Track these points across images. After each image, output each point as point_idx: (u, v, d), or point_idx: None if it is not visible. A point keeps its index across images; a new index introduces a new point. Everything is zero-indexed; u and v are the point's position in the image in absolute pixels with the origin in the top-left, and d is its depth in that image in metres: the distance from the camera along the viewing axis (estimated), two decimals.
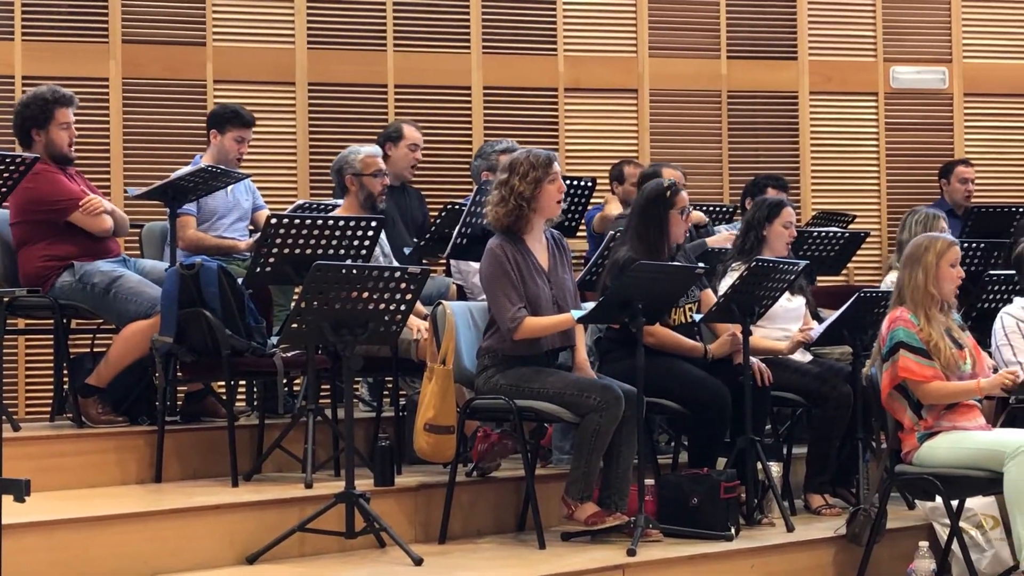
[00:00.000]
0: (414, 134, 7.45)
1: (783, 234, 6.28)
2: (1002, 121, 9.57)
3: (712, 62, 9.14)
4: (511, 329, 5.33)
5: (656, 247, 5.81)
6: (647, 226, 5.86)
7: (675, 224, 5.87)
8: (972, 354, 5.48)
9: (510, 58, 8.78)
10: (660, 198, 5.87)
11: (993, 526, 5.80)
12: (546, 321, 5.38)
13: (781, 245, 6.28)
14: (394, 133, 7.40)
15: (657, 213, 5.86)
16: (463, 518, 5.61)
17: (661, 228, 5.84)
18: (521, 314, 5.33)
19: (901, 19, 9.43)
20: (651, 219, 5.86)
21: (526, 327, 5.33)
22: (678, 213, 5.87)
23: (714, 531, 5.47)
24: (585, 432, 5.30)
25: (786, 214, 6.30)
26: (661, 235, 5.84)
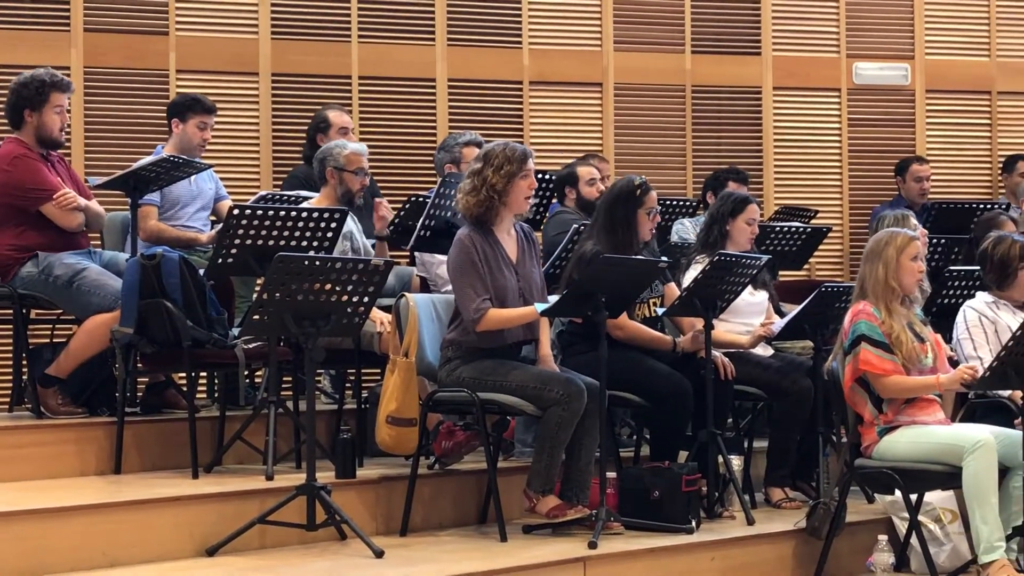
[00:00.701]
0: (341, 119, 7.39)
1: (746, 230, 6.31)
2: (963, 118, 9.63)
3: (676, 57, 9.16)
4: (474, 320, 5.33)
5: (623, 243, 5.82)
6: (614, 222, 5.87)
7: (642, 223, 5.89)
8: (933, 348, 5.52)
9: (475, 50, 8.77)
10: (630, 196, 5.88)
11: (951, 520, 5.84)
12: (510, 313, 5.38)
13: (744, 240, 6.30)
14: (322, 123, 7.34)
15: (625, 211, 5.87)
16: (424, 511, 5.60)
17: (628, 226, 5.86)
18: (485, 305, 5.33)
19: (864, 16, 9.48)
20: (619, 216, 5.87)
21: (489, 319, 5.33)
22: (645, 213, 5.89)
23: (675, 524, 5.49)
24: (548, 425, 5.30)
25: (750, 211, 6.33)
26: (628, 232, 5.85)
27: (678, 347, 5.90)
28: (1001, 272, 5.86)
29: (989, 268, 5.90)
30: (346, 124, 7.41)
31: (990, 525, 5.19)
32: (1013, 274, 5.84)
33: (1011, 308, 5.83)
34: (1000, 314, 5.80)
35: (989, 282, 5.91)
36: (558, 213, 7.27)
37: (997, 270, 5.87)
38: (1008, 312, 5.81)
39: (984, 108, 9.66)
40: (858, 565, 5.76)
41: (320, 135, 7.25)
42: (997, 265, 5.87)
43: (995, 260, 5.88)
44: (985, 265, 5.93)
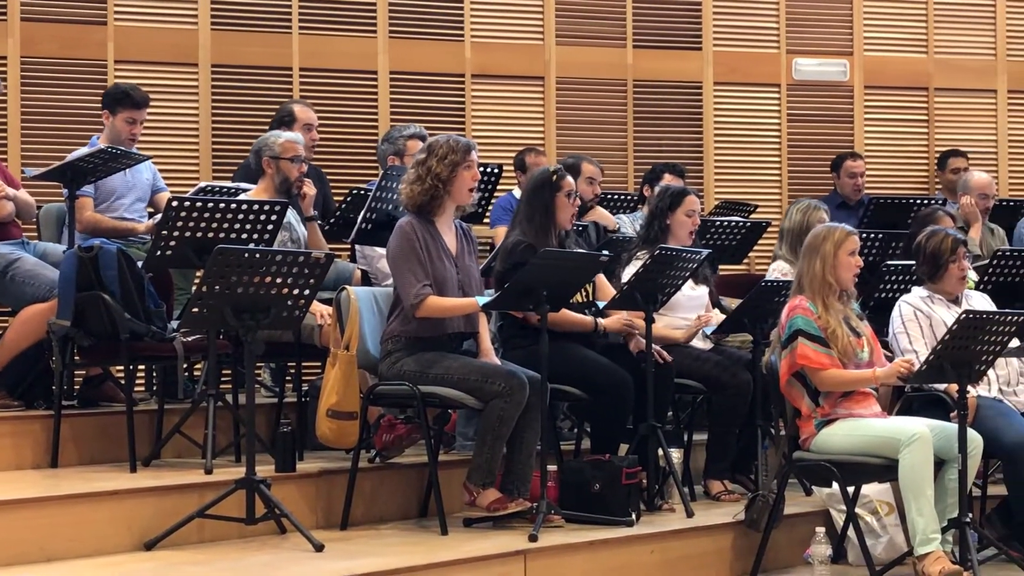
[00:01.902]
0: (307, 114, 7.35)
1: (686, 223, 6.33)
2: (901, 114, 9.73)
3: (618, 51, 9.19)
4: (414, 305, 5.33)
5: (543, 231, 5.84)
6: (534, 210, 5.89)
7: (562, 208, 5.90)
8: (869, 343, 5.58)
9: (417, 43, 8.75)
10: (547, 183, 5.91)
11: (888, 512, 5.90)
12: (449, 302, 5.38)
13: (685, 234, 6.32)
14: (286, 116, 7.29)
15: (543, 197, 5.89)
16: (365, 504, 5.59)
17: (548, 212, 5.87)
18: (425, 291, 5.33)
19: (804, 12, 9.54)
20: (538, 203, 5.89)
21: (429, 305, 5.33)
22: (564, 196, 5.90)
23: (615, 517, 5.51)
24: (489, 418, 5.31)
25: (689, 202, 6.35)
26: (548, 219, 5.87)
27: (600, 327, 5.89)
28: (933, 265, 5.91)
29: (922, 261, 5.96)
30: (311, 121, 7.33)
31: (926, 517, 5.25)
32: (944, 267, 5.89)
33: (945, 302, 5.89)
34: (935, 308, 5.86)
35: (922, 275, 5.97)
36: None
37: (929, 263, 5.92)
38: (943, 306, 5.87)
39: (921, 104, 9.75)
40: (796, 557, 5.81)
41: (283, 128, 7.19)
42: (929, 258, 5.92)
43: (927, 254, 5.93)
44: (918, 259, 5.99)
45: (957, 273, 5.90)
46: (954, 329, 5.27)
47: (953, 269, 5.89)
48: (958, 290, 5.95)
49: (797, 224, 6.64)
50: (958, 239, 5.94)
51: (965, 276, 5.96)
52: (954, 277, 5.90)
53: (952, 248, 5.89)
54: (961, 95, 9.80)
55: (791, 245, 6.63)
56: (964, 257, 5.91)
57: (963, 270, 5.92)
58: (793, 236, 6.63)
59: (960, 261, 5.89)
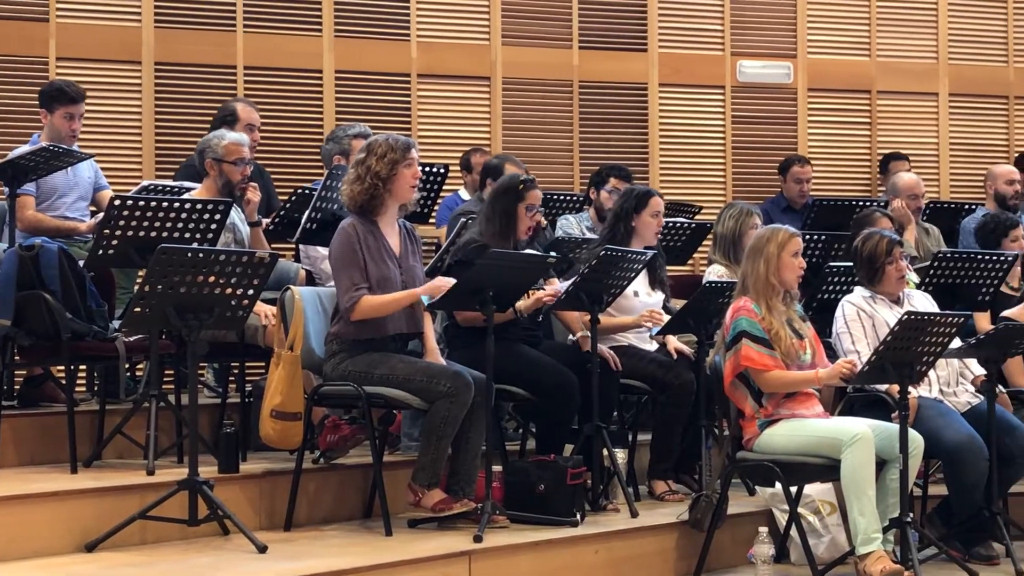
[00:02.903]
0: (250, 114, 7.27)
1: (652, 224, 6.37)
2: (843, 116, 9.81)
3: (564, 52, 9.21)
4: (348, 308, 5.32)
5: (502, 235, 5.86)
6: (496, 213, 5.91)
7: (520, 219, 5.92)
8: (812, 344, 5.61)
9: (362, 42, 8.72)
10: (511, 189, 5.92)
11: (830, 512, 5.94)
12: (384, 299, 5.36)
13: (650, 235, 6.36)
14: (229, 116, 7.22)
15: (506, 204, 5.90)
16: (309, 505, 5.57)
17: (508, 218, 5.89)
18: (358, 293, 5.32)
19: (748, 14, 9.61)
20: (500, 208, 5.91)
21: (362, 306, 5.32)
22: (524, 208, 5.91)
23: (560, 517, 5.51)
24: (434, 419, 5.30)
25: (654, 204, 6.38)
26: (507, 225, 5.88)
27: (519, 313, 5.88)
28: (870, 268, 5.94)
29: (859, 265, 5.99)
30: (253, 121, 7.23)
31: (867, 517, 5.29)
32: (881, 270, 5.92)
33: (887, 303, 5.94)
34: (877, 308, 5.91)
35: (861, 278, 6.01)
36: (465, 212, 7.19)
37: (866, 266, 5.96)
38: (885, 307, 5.92)
39: (864, 107, 9.84)
40: (739, 557, 5.84)
41: (226, 127, 7.13)
42: (866, 262, 5.95)
43: (864, 257, 5.96)
44: (856, 262, 6.03)
45: (895, 274, 5.93)
46: (896, 330, 5.31)
47: (891, 271, 5.92)
48: (898, 290, 6.00)
49: (730, 230, 6.70)
50: (893, 240, 5.96)
51: (904, 276, 6.00)
52: (892, 278, 5.93)
53: (887, 250, 5.92)
54: (903, 98, 9.90)
55: (724, 250, 6.69)
56: (901, 258, 5.95)
57: (900, 271, 5.95)
58: (726, 241, 6.70)
59: (897, 262, 5.93)
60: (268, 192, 7.31)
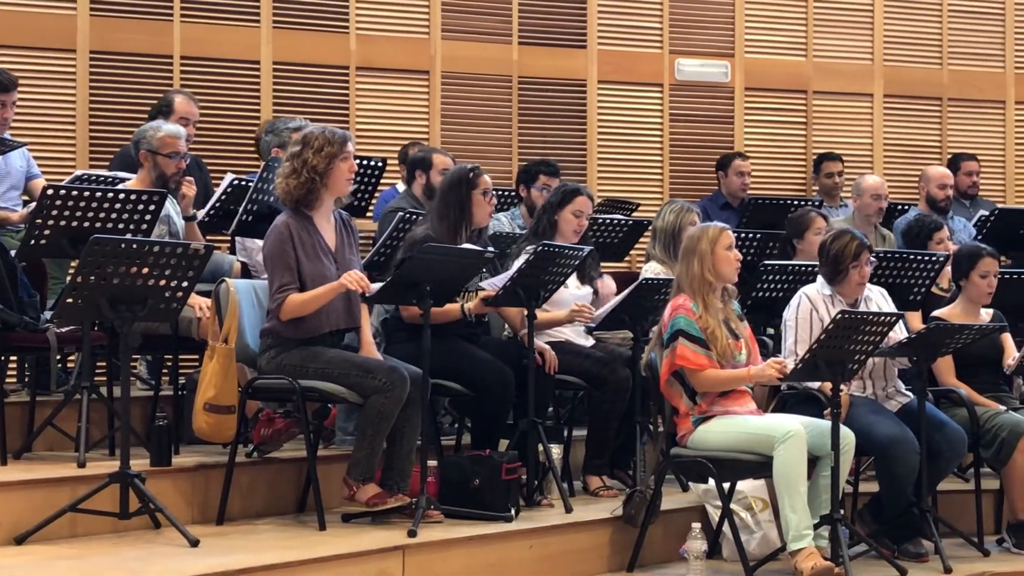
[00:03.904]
0: (187, 108, 7.17)
1: (572, 221, 6.36)
2: (780, 116, 9.88)
3: (504, 47, 9.20)
4: (275, 310, 5.31)
5: (455, 228, 5.84)
6: (448, 207, 5.89)
7: (478, 206, 5.91)
8: (748, 344, 5.65)
9: (301, 34, 8.67)
10: (463, 180, 5.91)
11: (762, 508, 5.99)
12: (311, 294, 5.32)
13: (570, 231, 6.35)
14: (164, 108, 7.14)
15: (459, 195, 5.89)
16: (242, 499, 5.53)
17: (462, 210, 5.88)
18: (284, 293, 5.29)
19: (686, 13, 9.65)
20: (453, 200, 5.90)
21: (289, 305, 5.30)
22: (480, 195, 5.91)
23: (494, 512, 5.52)
24: (369, 413, 5.28)
25: (578, 202, 6.36)
26: (461, 217, 5.87)
27: (467, 313, 5.88)
28: (834, 268, 5.92)
29: (824, 261, 5.98)
30: (189, 115, 7.10)
31: (799, 514, 5.33)
32: (845, 271, 5.90)
33: (844, 306, 5.91)
34: (832, 311, 5.81)
35: (823, 275, 6.01)
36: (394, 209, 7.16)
37: (831, 265, 5.93)
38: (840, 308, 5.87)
39: (800, 107, 9.92)
40: (672, 552, 5.87)
41: (161, 118, 7.04)
42: (831, 260, 5.92)
43: (830, 255, 5.92)
44: (822, 257, 6.02)
45: (857, 279, 5.91)
46: (830, 328, 5.36)
47: (853, 274, 5.90)
48: (856, 295, 5.97)
49: (670, 224, 6.71)
50: (863, 244, 5.92)
51: (864, 283, 5.98)
52: (853, 282, 5.91)
53: (855, 253, 5.88)
54: (839, 99, 9.99)
55: (664, 244, 6.70)
56: (866, 264, 5.92)
57: (863, 277, 5.92)
58: (666, 236, 6.70)
59: (862, 267, 5.89)
60: (205, 185, 7.25)
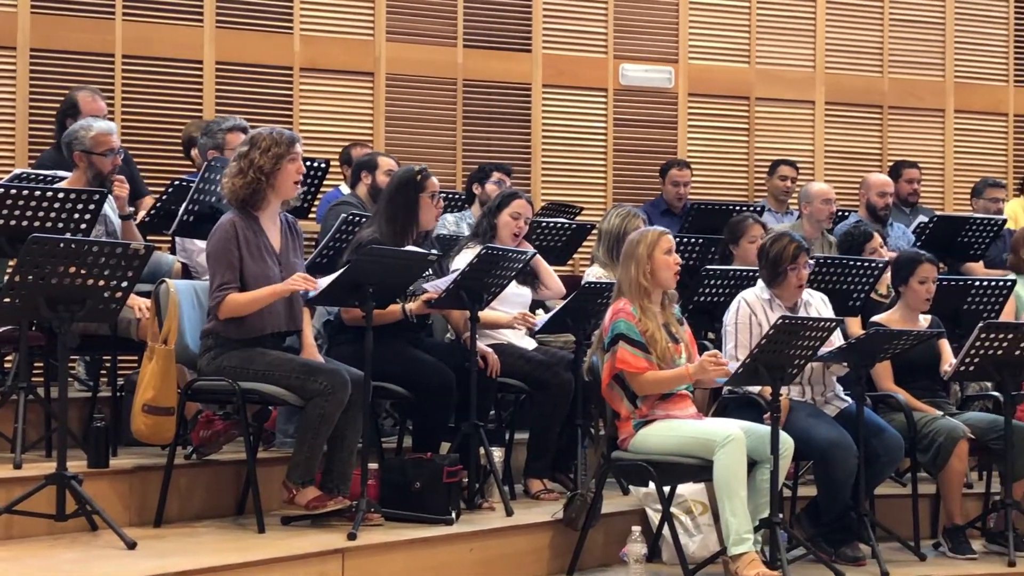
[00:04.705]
0: (91, 104, 6.99)
1: (510, 224, 6.38)
2: (722, 122, 9.95)
3: (448, 50, 9.20)
4: (214, 307, 5.28)
5: (402, 231, 5.83)
6: (395, 209, 5.88)
7: (425, 208, 5.90)
8: (687, 348, 5.67)
9: (245, 34, 8.63)
10: (410, 181, 5.90)
11: (702, 512, 6.01)
12: (251, 296, 5.30)
13: (508, 235, 6.36)
14: (70, 109, 6.98)
15: (406, 197, 5.87)
16: (180, 501, 5.50)
17: (409, 212, 5.86)
18: (224, 292, 5.26)
19: (631, 18, 9.69)
20: (400, 203, 5.88)
21: (228, 304, 5.27)
22: (428, 197, 5.90)
23: (435, 515, 5.51)
24: (310, 416, 5.26)
25: (516, 205, 6.39)
26: (409, 219, 5.86)
27: (409, 314, 5.87)
28: (772, 270, 5.97)
29: (764, 264, 6.02)
30: (96, 112, 7.01)
31: (739, 517, 5.36)
32: (783, 274, 5.95)
33: (783, 309, 5.96)
34: (770, 315, 5.85)
35: (763, 278, 6.05)
36: (340, 203, 7.17)
37: (770, 267, 5.98)
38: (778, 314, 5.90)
39: (743, 113, 9.99)
40: (612, 555, 5.89)
41: (69, 119, 6.96)
42: (770, 263, 5.97)
43: (769, 257, 5.97)
44: (761, 260, 6.06)
45: (795, 281, 5.95)
46: (771, 333, 5.40)
47: (791, 277, 5.94)
48: (795, 298, 6.02)
49: (615, 228, 6.75)
50: (801, 247, 5.97)
51: (802, 285, 6.03)
52: (791, 285, 5.96)
53: (793, 256, 5.93)
54: (781, 105, 10.07)
55: (608, 247, 6.73)
56: (804, 266, 5.97)
57: (801, 279, 5.97)
58: (610, 239, 6.73)
59: (800, 270, 5.95)
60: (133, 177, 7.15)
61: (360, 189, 7.24)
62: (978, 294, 7.08)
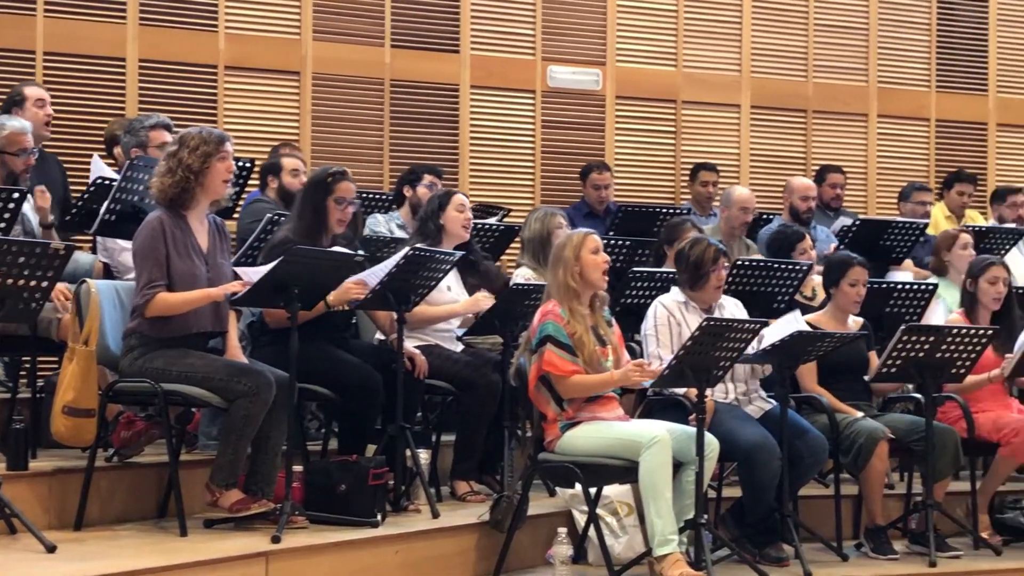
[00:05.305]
0: (37, 91, 7.00)
1: (458, 218, 6.40)
2: (650, 124, 9.99)
3: (376, 50, 9.17)
4: (141, 305, 5.22)
5: (313, 231, 5.80)
6: (305, 209, 5.85)
7: (331, 212, 5.86)
8: (615, 351, 5.69)
9: (169, 31, 8.54)
10: (321, 185, 5.87)
11: (628, 513, 6.03)
12: (180, 297, 5.26)
13: (459, 229, 6.40)
14: (16, 97, 6.95)
15: (315, 198, 5.85)
16: (101, 504, 5.43)
17: (318, 213, 5.83)
18: (153, 290, 5.21)
19: (559, 20, 9.71)
20: (309, 203, 5.86)
21: (157, 303, 5.22)
22: (334, 201, 5.86)
23: (360, 518, 5.48)
24: (234, 418, 5.22)
25: (456, 200, 6.45)
26: (318, 220, 5.83)
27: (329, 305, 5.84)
28: (694, 273, 6.04)
29: (684, 268, 6.08)
30: (44, 97, 6.91)
31: (664, 519, 5.38)
32: (705, 276, 6.02)
33: (699, 311, 6.01)
34: (688, 316, 5.96)
35: (682, 281, 6.10)
36: (255, 202, 7.16)
37: (691, 271, 6.05)
38: (696, 316, 5.97)
39: (670, 116, 10.04)
40: (538, 557, 5.89)
41: (16, 109, 6.86)
42: (692, 266, 6.04)
43: (690, 261, 6.05)
44: (681, 264, 6.12)
45: (715, 283, 6.04)
46: (696, 335, 5.42)
47: (712, 279, 6.03)
48: (713, 299, 6.09)
49: (537, 233, 6.81)
50: (720, 250, 6.08)
51: (721, 287, 6.11)
52: (712, 287, 6.04)
53: (714, 258, 6.02)
54: (707, 109, 10.14)
55: (533, 253, 6.78)
56: (722, 268, 6.06)
57: (720, 280, 6.07)
58: (534, 245, 6.80)
59: (719, 272, 6.04)
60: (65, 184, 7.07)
61: (269, 192, 7.20)
62: (901, 297, 7.18)
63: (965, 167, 10.30)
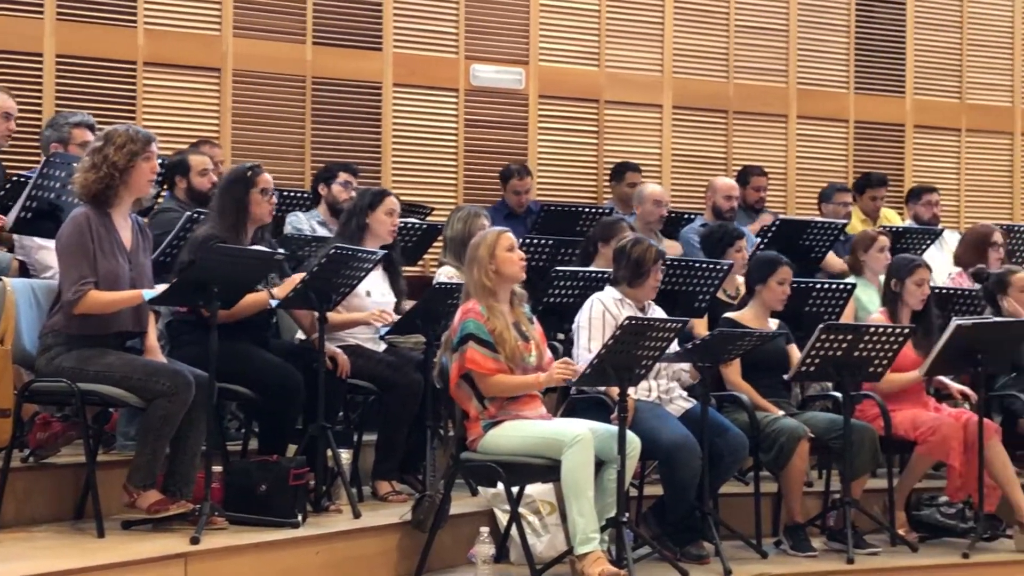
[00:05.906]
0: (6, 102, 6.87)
1: (386, 222, 6.37)
2: (573, 124, 10.02)
3: (297, 47, 9.11)
4: (72, 301, 5.16)
5: (237, 227, 5.76)
6: (226, 206, 5.80)
7: (256, 204, 5.83)
8: (538, 347, 5.70)
9: (86, 27, 8.43)
10: (240, 179, 5.83)
11: (550, 512, 6.04)
12: (112, 296, 5.21)
13: (385, 232, 6.36)
14: None
15: (237, 194, 5.80)
16: (17, 506, 5.35)
17: (241, 208, 5.79)
18: (86, 287, 5.15)
19: (482, 19, 9.70)
20: (230, 199, 5.81)
21: (88, 301, 5.16)
22: (259, 193, 5.83)
23: (281, 518, 5.44)
24: (152, 418, 5.17)
25: (388, 202, 6.38)
26: (241, 216, 5.79)
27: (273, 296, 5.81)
28: (635, 272, 6.09)
29: (624, 265, 6.13)
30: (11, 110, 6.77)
31: (586, 517, 5.40)
32: (645, 275, 6.09)
33: (634, 309, 6.06)
34: (623, 313, 5.98)
35: (621, 279, 6.14)
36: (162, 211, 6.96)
37: (632, 268, 6.10)
38: (630, 313, 6.00)
39: (592, 116, 10.07)
40: (460, 557, 5.88)
41: None
42: (633, 264, 6.10)
43: (631, 259, 6.10)
44: (621, 262, 6.16)
45: (652, 283, 6.13)
46: (617, 334, 5.45)
47: (651, 279, 6.11)
48: (648, 298, 6.17)
49: (459, 233, 6.81)
50: (660, 251, 6.18)
51: (657, 287, 6.17)
52: (649, 286, 6.13)
53: (655, 259, 6.11)
54: (630, 109, 10.18)
55: (455, 253, 6.78)
56: (659, 269, 6.15)
57: (657, 281, 6.15)
58: (456, 244, 6.80)
59: (657, 272, 6.13)
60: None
61: (178, 192, 7.06)
62: (819, 296, 7.26)
63: (883, 168, 10.45)
